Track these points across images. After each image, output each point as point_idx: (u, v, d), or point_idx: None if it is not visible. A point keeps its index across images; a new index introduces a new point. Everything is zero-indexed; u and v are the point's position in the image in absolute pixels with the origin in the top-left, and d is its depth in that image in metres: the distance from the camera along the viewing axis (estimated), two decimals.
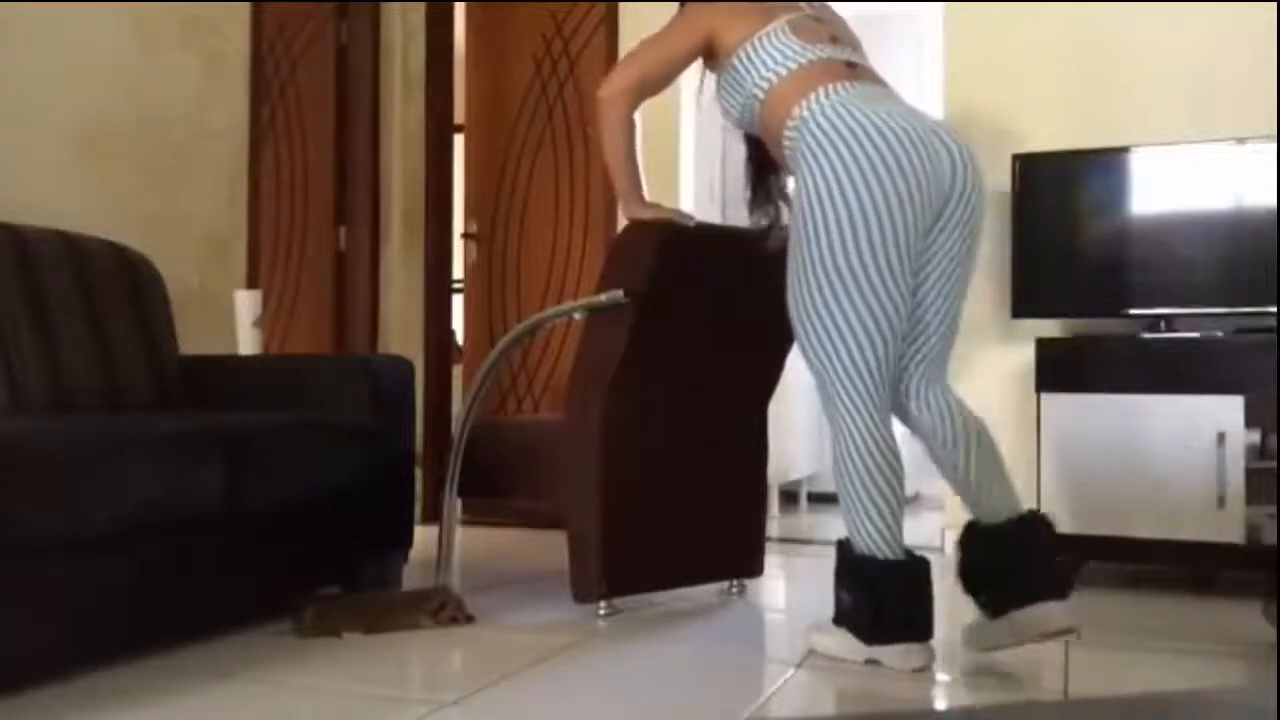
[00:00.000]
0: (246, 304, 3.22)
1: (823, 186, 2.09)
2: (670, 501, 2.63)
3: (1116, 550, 2.96)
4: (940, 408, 2.25)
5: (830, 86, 2.14)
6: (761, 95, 2.24)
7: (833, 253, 2.09)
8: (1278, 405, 2.78)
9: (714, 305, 2.60)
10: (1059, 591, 2.12)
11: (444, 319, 4.56)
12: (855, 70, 2.23)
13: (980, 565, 2.22)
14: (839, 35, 2.32)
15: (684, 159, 4.06)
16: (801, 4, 2.34)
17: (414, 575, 2.87)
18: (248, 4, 3.64)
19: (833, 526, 3.62)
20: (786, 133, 2.18)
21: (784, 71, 2.20)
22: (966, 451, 2.22)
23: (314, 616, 2.38)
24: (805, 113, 2.14)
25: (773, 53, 2.22)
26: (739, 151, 2.65)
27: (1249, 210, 3.03)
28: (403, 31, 4.44)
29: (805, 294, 2.15)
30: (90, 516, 1.96)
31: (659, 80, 2.40)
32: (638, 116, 2.42)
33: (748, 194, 2.60)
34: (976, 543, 2.24)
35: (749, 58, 2.25)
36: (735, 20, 2.29)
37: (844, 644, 2.17)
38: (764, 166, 2.53)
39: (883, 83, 2.28)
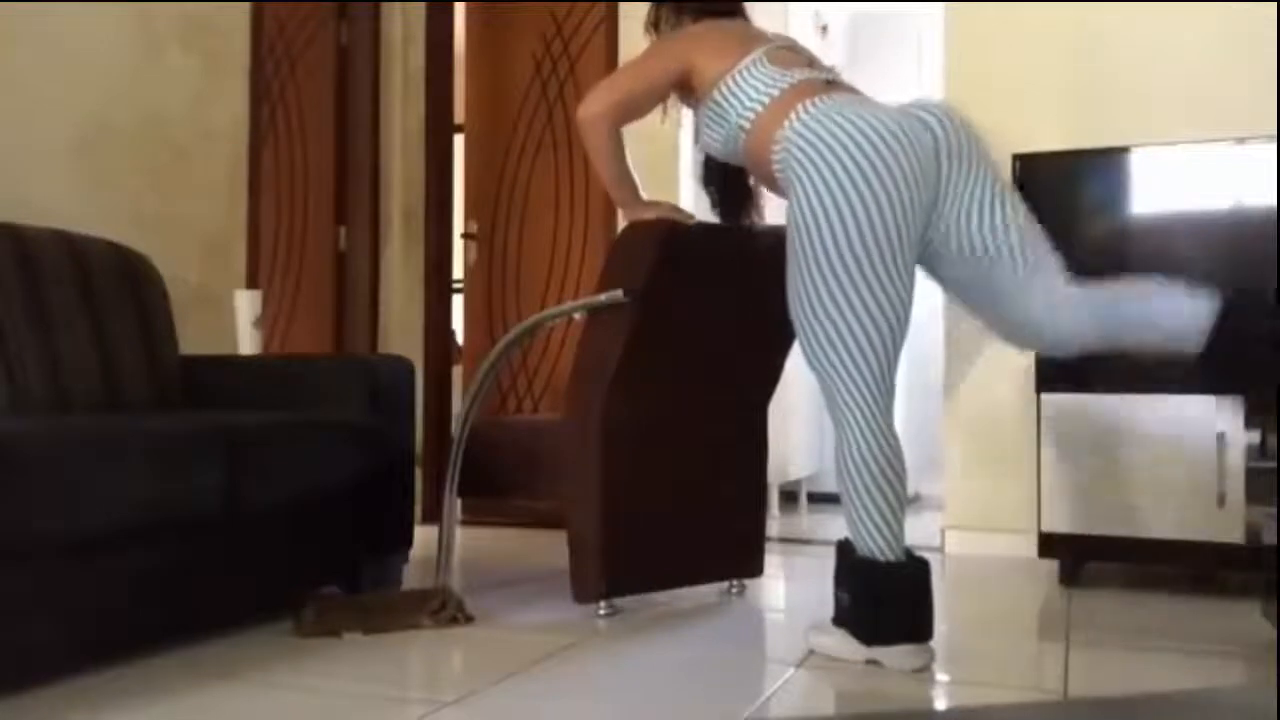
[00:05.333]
0: (246, 304, 3.22)
1: (814, 192, 2.10)
2: (670, 501, 2.63)
3: (1116, 550, 2.97)
4: (1077, 300, 2.20)
5: (808, 102, 2.17)
6: (747, 125, 2.26)
7: (829, 254, 2.10)
8: (1278, 405, 2.78)
9: (714, 305, 2.60)
10: None
11: (444, 319, 4.56)
12: (833, 86, 2.27)
13: (1239, 361, 2.15)
14: (814, 61, 2.38)
15: (684, 160, 4.07)
16: (774, 38, 2.40)
17: (414, 575, 2.87)
18: (248, 4, 3.64)
19: (833, 526, 3.62)
20: (774, 154, 2.20)
21: (767, 100, 2.23)
22: (1135, 306, 2.18)
23: (314, 616, 2.38)
24: (789, 132, 2.16)
25: (754, 83, 2.25)
26: None
27: (1249, 210, 3.03)
28: (403, 31, 4.44)
29: (805, 296, 2.15)
30: (90, 516, 1.96)
31: (636, 107, 2.41)
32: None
33: (716, 210, 2.62)
34: (1219, 340, 2.12)
35: (730, 91, 2.27)
36: (713, 55, 2.32)
37: (844, 644, 2.17)
38: (730, 198, 2.56)
39: (861, 94, 2.30)
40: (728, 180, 2.58)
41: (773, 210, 2.57)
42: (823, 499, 4.72)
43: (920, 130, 2.14)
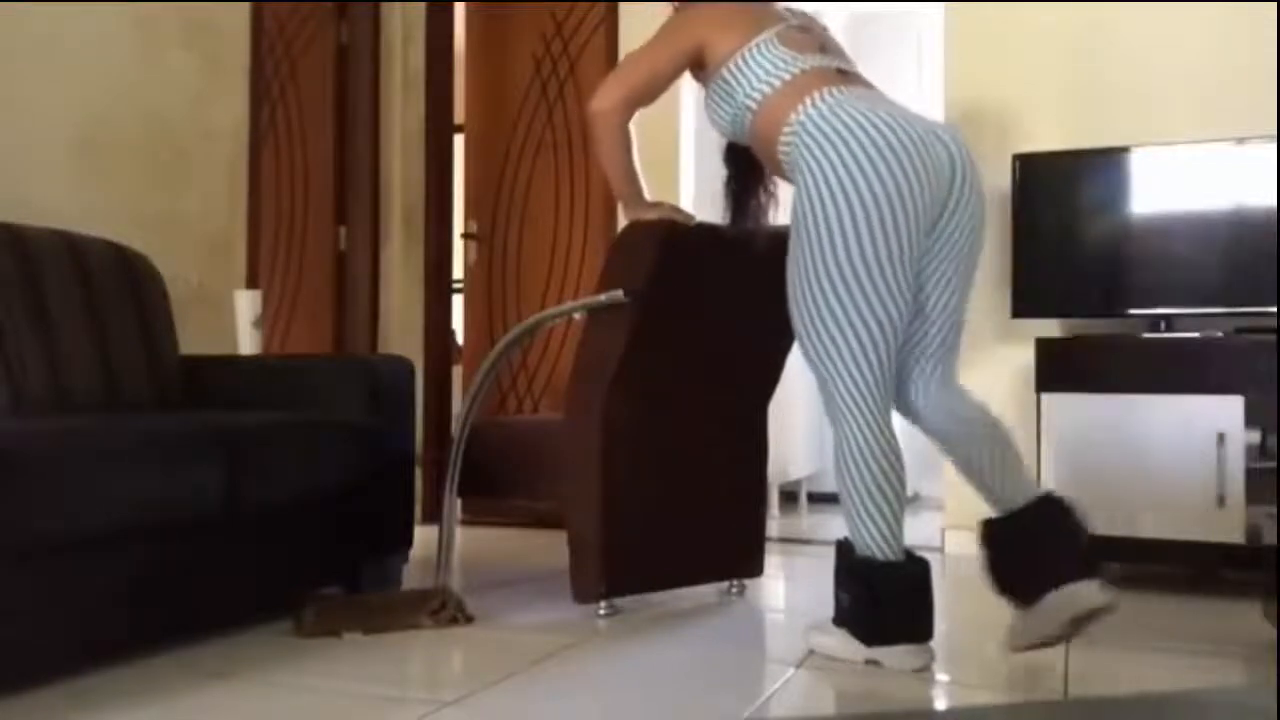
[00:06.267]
0: (246, 304, 3.22)
1: (823, 186, 2.10)
2: (670, 501, 2.63)
3: (1116, 550, 2.96)
4: (949, 406, 2.26)
5: (824, 91, 2.16)
6: (754, 106, 2.24)
7: (834, 252, 2.09)
8: (1278, 405, 2.78)
9: (714, 305, 2.60)
10: (1088, 570, 2.10)
11: (444, 319, 4.56)
12: (847, 76, 2.26)
13: (1006, 556, 2.21)
14: (827, 45, 2.35)
15: (684, 160, 4.07)
16: (787, 15, 2.37)
17: (414, 575, 2.87)
18: (248, 4, 3.64)
19: (833, 526, 3.62)
20: (782, 140, 2.19)
21: (777, 82, 2.21)
22: (978, 447, 2.23)
23: (314, 616, 2.38)
24: (802, 117, 2.14)
25: (764, 64, 2.23)
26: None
27: (1249, 210, 3.03)
28: (403, 31, 4.44)
29: (806, 294, 2.15)
30: (90, 516, 1.96)
31: (649, 93, 2.40)
32: (635, 119, 2.43)
33: (728, 206, 2.58)
34: (999, 535, 2.23)
35: (739, 69, 2.26)
36: (724, 32, 2.30)
37: (844, 644, 2.17)
38: (746, 177, 2.53)
39: (874, 88, 2.30)
40: (745, 164, 2.55)
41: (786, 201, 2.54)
42: (823, 499, 4.72)
43: (937, 147, 2.13)
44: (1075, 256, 3.24)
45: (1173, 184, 3.16)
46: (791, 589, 3.17)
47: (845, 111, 2.11)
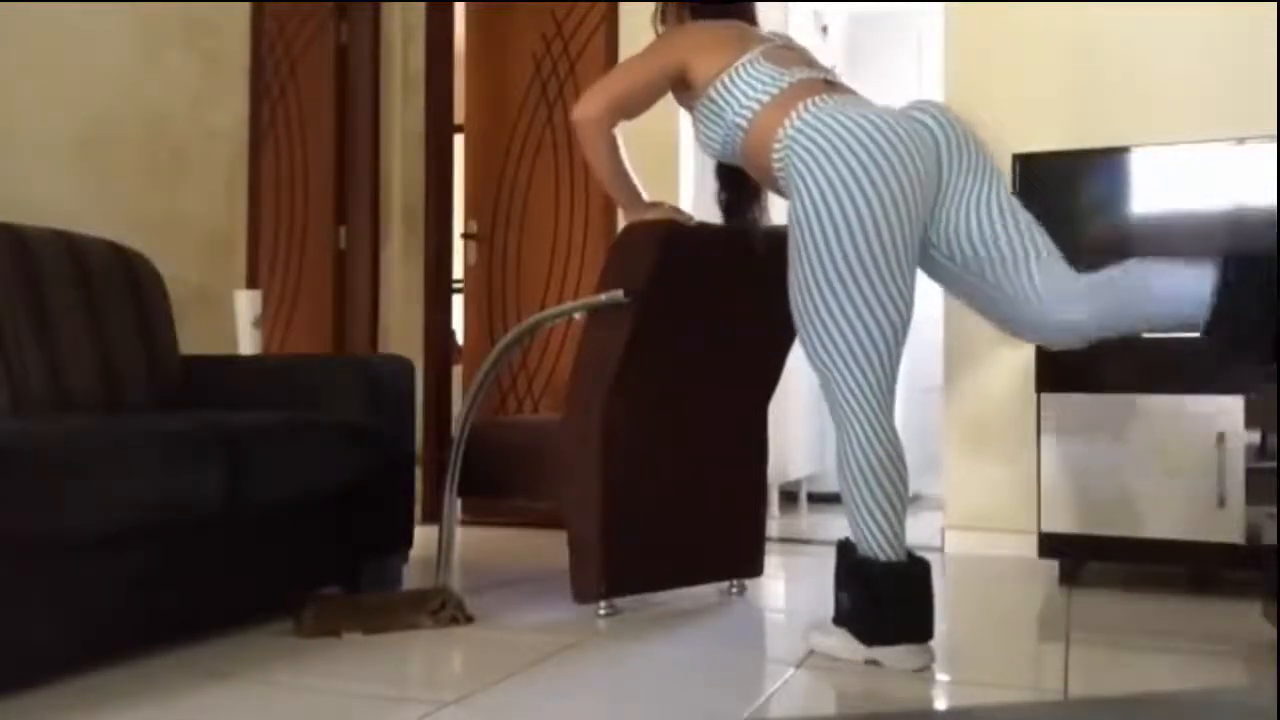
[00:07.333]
0: (246, 304, 3.22)
1: (816, 192, 2.10)
2: (670, 502, 2.63)
3: (1116, 550, 2.97)
4: (1068, 299, 2.16)
5: (809, 100, 2.17)
6: (745, 124, 2.25)
7: (831, 254, 2.09)
8: (1278, 405, 2.77)
9: (714, 305, 2.60)
10: None
11: (444, 319, 4.56)
12: (832, 86, 2.28)
13: (1245, 315, 2.03)
14: (811, 61, 2.38)
15: (683, 161, 4.07)
16: (771, 37, 2.39)
17: (414, 575, 2.87)
18: (248, 4, 3.64)
19: (833, 526, 3.63)
20: (774, 154, 2.20)
21: (766, 98, 2.22)
22: (1134, 297, 2.13)
23: (314, 616, 2.38)
24: (791, 130, 2.16)
25: (752, 82, 2.25)
26: None
27: (1249, 210, 3.03)
28: (403, 31, 4.44)
29: (807, 296, 2.15)
30: (90, 516, 1.96)
31: (631, 103, 2.41)
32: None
33: (720, 204, 2.59)
34: (1224, 301, 2.03)
35: (727, 89, 2.27)
36: (710, 54, 2.31)
37: (844, 644, 2.17)
38: (738, 189, 2.54)
39: (860, 96, 2.30)
40: (737, 178, 2.57)
41: (777, 210, 2.57)
42: (823, 499, 4.72)
43: (921, 131, 2.14)
44: (1075, 257, 3.23)
45: (1173, 184, 3.16)
46: (791, 589, 3.17)
47: (831, 117, 2.12)
